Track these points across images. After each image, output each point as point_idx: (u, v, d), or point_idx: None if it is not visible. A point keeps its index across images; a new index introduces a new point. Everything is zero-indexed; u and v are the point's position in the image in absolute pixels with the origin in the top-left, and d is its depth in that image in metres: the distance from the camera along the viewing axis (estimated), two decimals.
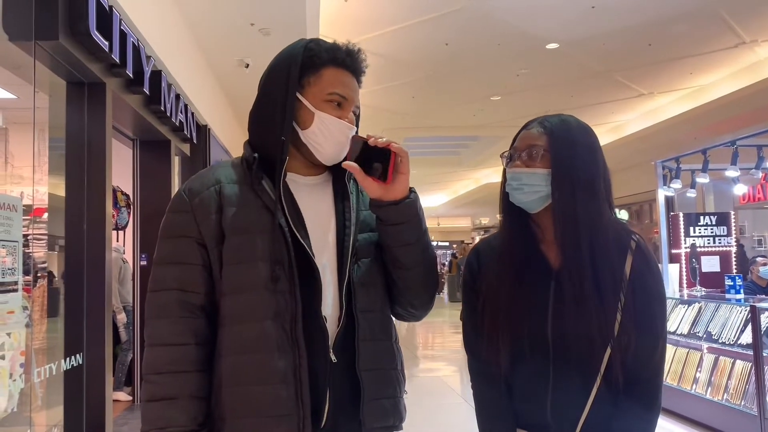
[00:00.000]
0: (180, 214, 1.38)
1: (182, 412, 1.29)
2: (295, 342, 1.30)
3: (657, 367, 1.41)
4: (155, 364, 1.32)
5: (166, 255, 1.38)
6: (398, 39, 7.23)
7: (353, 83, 1.43)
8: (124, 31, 4.05)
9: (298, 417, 1.28)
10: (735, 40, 7.60)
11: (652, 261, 1.44)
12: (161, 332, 1.33)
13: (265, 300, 1.30)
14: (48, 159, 4.03)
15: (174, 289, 1.34)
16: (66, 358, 3.92)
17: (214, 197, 1.37)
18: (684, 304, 5.90)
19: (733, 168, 6.18)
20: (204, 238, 1.35)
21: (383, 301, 1.44)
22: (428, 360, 9.61)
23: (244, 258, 1.32)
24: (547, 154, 1.40)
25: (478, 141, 13.58)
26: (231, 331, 1.33)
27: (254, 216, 1.34)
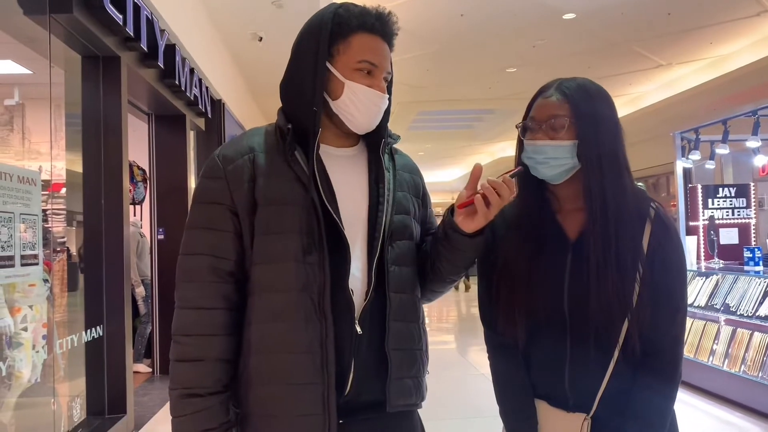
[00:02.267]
0: (213, 181, 1.38)
1: (207, 375, 1.32)
2: (322, 313, 1.31)
3: (677, 338, 1.40)
4: (184, 325, 1.34)
5: (198, 220, 1.38)
6: (412, 10, 7.15)
7: (384, 48, 1.40)
8: (137, 4, 4.04)
9: (323, 386, 1.30)
10: (757, 8, 7.42)
11: (672, 229, 1.41)
12: (191, 295, 1.35)
13: (294, 271, 1.32)
14: (64, 134, 4.06)
15: (205, 254, 1.35)
16: (86, 330, 3.99)
17: (248, 166, 1.37)
18: (702, 276, 5.87)
19: (754, 138, 6.08)
20: (236, 206, 1.35)
21: (414, 283, 1.46)
22: (444, 332, 9.67)
23: (275, 229, 1.34)
24: (572, 126, 1.36)
25: (494, 114, 13.46)
26: (260, 300, 1.35)
27: (287, 187, 1.35)
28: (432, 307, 12.51)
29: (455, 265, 1.43)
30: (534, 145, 1.39)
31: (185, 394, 1.32)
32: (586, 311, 1.35)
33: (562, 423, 1.40)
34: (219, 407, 1.32)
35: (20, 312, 3.07)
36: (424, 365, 1.47)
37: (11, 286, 3.01)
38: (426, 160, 20.21)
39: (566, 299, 1.39)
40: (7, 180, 2.85)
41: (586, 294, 1.35)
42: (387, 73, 1.41)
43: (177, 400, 1.33)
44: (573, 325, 1.38)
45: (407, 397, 1.40)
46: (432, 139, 16.46)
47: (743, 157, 9.05)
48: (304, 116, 1.36)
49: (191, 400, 1.31)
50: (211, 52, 6.80)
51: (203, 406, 1.31)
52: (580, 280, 1.37)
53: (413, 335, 1.43)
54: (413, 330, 1.43)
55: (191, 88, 5.62)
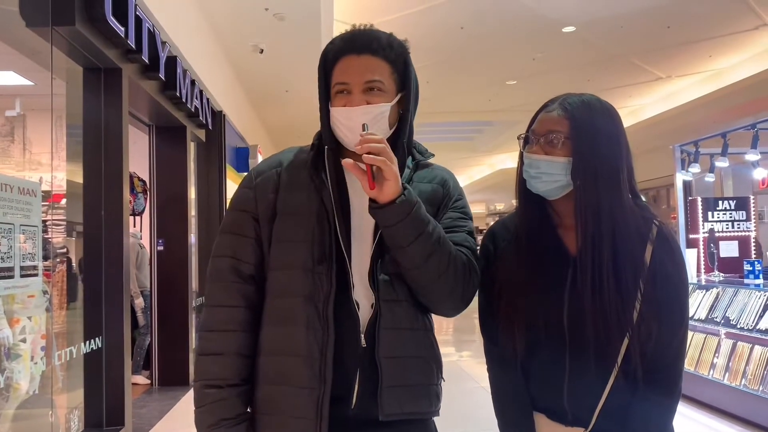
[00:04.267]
0: (245, 190, 1.50)
1: (226, 367, 1.41)
2: (325, 320, 1.37)
3: (677, 353, 1.39)
4: (208, 322, 1.45)
5: (227, 224, 1.51)
6: (412, 23, 7.18)
7: (359, 61, 1.42)
8: (139, 17, 4.06)
9: (319, 391, 1.34)
10: (756, 22, 7.46)
11: (675, 248, 1.40)
12: (215, 294, 1.46)
13: (301, 279, 1.40)
14: (65, 145, 4.07)
15: (228, 257, 1.46)
16: (85, 341, 3.98)
17: (274, 178, 1.49)
18: (702, 289, 5.86)
19: (754, 151, 6.09)
20: (259, 214, 1.46)
21: (408, 292, 1.43)
22: (444, 345, 9.64)
23: (290, 238, 1.43)
24: (568, 142, 1.35)
25: (493, 126, 13.50)
26: (271, 304, 1.44)
27: (305, 200, 1.44)
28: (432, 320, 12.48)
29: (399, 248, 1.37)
30: (530, 159, 1.39)
31: (206, 385, 1.40)
32: (585, 326, 1.35)
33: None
34: (236, 399, 1.40)
35: (19, 323, 3.07)
36: (431, 372, 1.45)
37: (10, 297, 3.00)
38: None
39: (566, 314, 1.38)
40: (8, 191, 2.86)
41: (585, 311, 1.35)
42: (367, 83, 1.41)
43: (199, 391, 1.42)
44: (572, 340, 1.38)
45: (406, 405, 1.39)
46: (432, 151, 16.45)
47: (743, 169, 9.07)
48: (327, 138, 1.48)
49: (210, 391, 1.39)
50: (212, 64, 6.83)
51: (221, 397, 1.39)
52: (579, 295, 1.36)
53: (412, 343, 1.42)
54: (411, 337, 1.42)
55: (192, 100, 5.64)
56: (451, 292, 1.43)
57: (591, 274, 1.34)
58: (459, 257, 1.42)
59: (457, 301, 1.45)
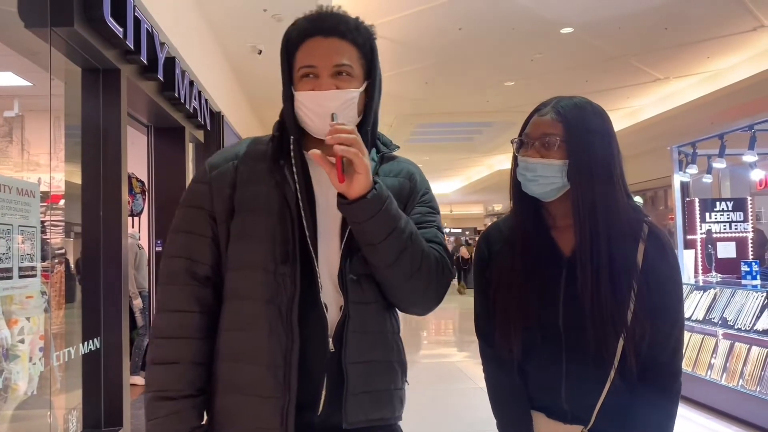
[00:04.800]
0: (199, 185, 1.40)
1: (180, 377, 1.31)
2: (289, 325, 1.28)
3: (675, 351, 1.40)
4: (160, 328, 1.35)
5: (179, 223, 1.41)
6: (411, 24, 7.19)
7: (326, 44, 1.34)
8: (138, 18, 4.07)
9: (283, 400, 1.27)
10: (753, 23, 7.48)
11: (667, 247, 1.41)
12: (168, 298, 1.36)
13: (262, 280, 1.31)
14: (64, 146, 4.06)
15: (182, 257, 1.36)
16: (84, 342, 3.98)
17: (231, 172, 1.38)
18: (699, 290, 5.87)
19: (751, 153, 6.11)
20: (215, 211, 1.37)
21: (378, 293, 1.37)
22: (441, 346, 9.65)
23: (247, 236, 1.33)
24: (563, 144, 1.36)
25: (492, 127, 13.50)
26: (230, 307, 1.35)
27: (265, 195, 1.35)
28: (430, 321, 12.49)
29: (370, 245, 1.30)
30: (525, 162, 1.39)
31: (158, 396, 1.31)
32: (581, 327, 1.36)
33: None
34: (191, 411, 1.31)
35: (17, 324, 3.06)
36: (398, 376, 1.41)
37: (8, 298, 3.00)
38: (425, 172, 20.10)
39: (561, 315, 1.39)
40: (6, 192, 2.86)
41: (580, 310, 1.35)
42: (336, 66, 1.34)
43: (150, 403, 1.32)
44: (568, 341, 1.39)
45: (371, 411, 1.33)
46: (431, 152, 16.49)
47: (740, 171, 9.08)
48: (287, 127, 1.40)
49: (164, 403, 1.30)
50: (211, 65, 6.83)
51: (175, 409, 1.30)
52: (574, 297, 1.37)
53: (379, 346, 1.37)
54: (378, 341, 1.37)
55: (191, 101, 5.64)
56: (424, 291, 1.37)
57: (588, 273, 1.35)
58: (431, 254, 1.36)
59: (431, 300, 1.40)
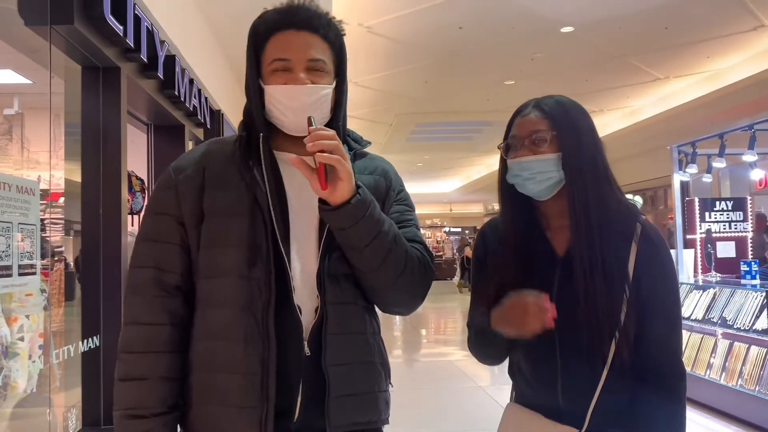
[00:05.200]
0: (164, 191, 1.34)
1: (151, 394, 1.26)
2: (266, 332, 1.25)
3: (676, 351, 1.41)
4: (128, 343, 1.29)
5: (145, 232, 1.35)
6: (411, 23, 7.18)
7: (299, 38, 1.32)
8: (138, 16, 4.07)
9: (261, 409, 1.23)
10: (753, 23, 7.48)
11: (660, 244, 1.41)
12: (135, 311, 1.30)
13: (237, 287, 1.26)
14: (63, 144, 4.06)
15: (150, 267, 1.30)
16: (83, 340, 3.98)
17: (198, 176, 1.33)
18: (699, 289, 5.87)
19: (751, 152, 6.11)
20: (183, 216, 1.31)
21: (357, 293, 1.35)
22: (441, 345, 9.65)
23: (220, 242, 1.28)
24: (554, 138, 1.37)
25: (492, 126, 13.50)
26: (202, 316, 1.30)
27: (235, 198, 1.30)
28: (429, 320, 12.50)
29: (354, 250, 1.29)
30: (519, 162, 1.39)
31: (128, 414, 1.25)
32: (575, 326, 1.36)
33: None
34: (162, 429, 1.26)
35: (17, 322, 3.06)
36: (382, 378, 1.38)
37: (8, 296, 3.00)
38: (424, 171, 20.24)
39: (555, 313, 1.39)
40: (6, 190, 2.86)
41: (573, 309, 1.36)
42: (311, 61, 1.31)
43: (120, 421, 1.27)
44: (562, 340, 1.39)
45: (354, 415, 1.31)
46: (430, 151, 16.49)
47: (740, 170, 9.09)
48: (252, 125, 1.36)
49: (134, 422, 1.25)
50: (211, 63, 6.83)
51: (145, 428, 1.25)
52: (568, 296, 1.38)
53: (360, 348, 1.34)
54: (359, 342, 1.34)
55: (190, 99, 5.64)
56: (409, 291, 1.36)
57: (582, 269, 1.35)
58: (414, 254, 1.35)
59: (415, 299, 1.39)
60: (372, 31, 7.24)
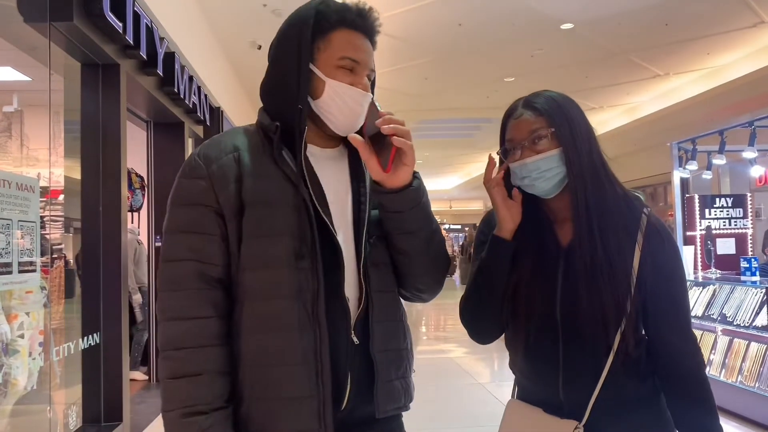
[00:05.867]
0: (195, 181, 1.28)
1: (208, 389, 1.22)
2: (316, 321, 1.24)
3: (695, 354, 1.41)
4: (175, 338, 1.24)
5: (180, 222, 1.28)
6: (411, 19, 7.17)
7: (366, 45, 1.34)
8: (137, 13, 4.06)
9: (318, 400, 1.23)
10: (754, 19, 7.46)
11: (665, 235, 1.41)
12: (179, 305, 1.25)
13: (287, 277, 1.24)
14: (63, 141, 4.06)
15: (191, 260, 1.25)
16: (83, 337, 3.98)
17: (233, 165, 1.28)
18: (699, 286, 5.87)
19: (751, 149, 6.11)
20: (223, 208, 1.26)
21: (394, 280, 1.39)
22: (441, 341, 9.66)
23: (266, 232, 1.25)
24: (552, 135, 1.37)
25: (492, 123, 13.49)
26: (251, 308, 1.26)
27: (275, 188, 1.27)
28: (429, 316, 12.50)
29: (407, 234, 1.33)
30: (524, 164, 1.39)
31: (187, 412, 1.20)
32: (577, 317, 1.37)
33: (553, 429, 1.40)
34: (225, 424, 1.23)
35: (17, 319, 3.07)
36: (411, 364, 1.43)
37: (8, 293, 3.00)
38: (425, 168, 20.23)
39: (558, 304, 1.40)
40: (6, 187, 2.86)
41: (576, 300, 1.36)
42: (370, 70, 1.35)
43: (177, 421, 1.21)
44: (565, 331, 1.40)
45: (397, 400, 1.35)
46: (431, 148, 16.48)
47: (740, 167, 9.09)
48: (289, 115, 1.29)
49: (195, 419, 1.20)
50: (210, 60, 6.82)
51: (208, 424, 1.20)
52: (571, 287, 1.38)
53: (398, 335, 1.38)
54: (398, 329, 1.38)
55: (190, 96, 5.63)
56: (441, 275, 1.42)
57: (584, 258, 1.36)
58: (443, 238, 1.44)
59: (441, 283, 1.45)
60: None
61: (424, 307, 13.49)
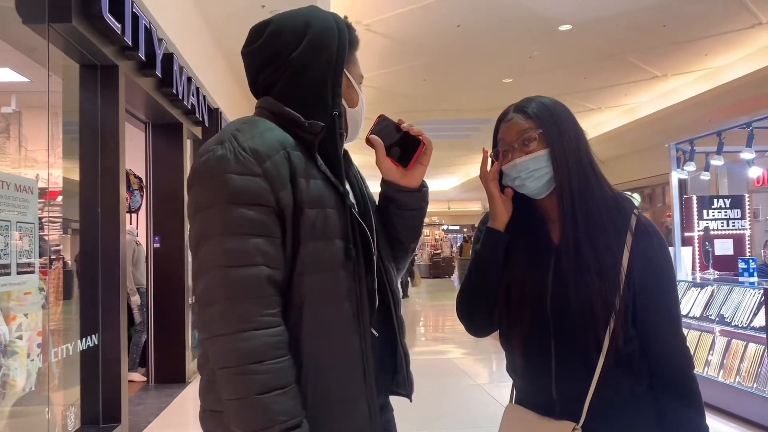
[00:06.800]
0: (249, 179, 1.19)
1: (297, 400, 1.18)
2: (361, 322, 1.28)
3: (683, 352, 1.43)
4: (254, 352, 1.14)
5: (240, 224, 1.18)
6: (409, 21, 7.18)
7: None
8: (136, 14, 4.06)
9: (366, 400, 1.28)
10: (751, 21, 7.48)
11: (654, 234, 1.44)
12: (250, 314, 1.16)
13: (342, 280, 1.26)
14: (61, 142, 4.06)
15: (258, 265, 1.17)
16: (82, 338, 3.98)
17: (285, 164, 1.23)
18: (697, 287, 5.88)
19: (749, 150, 6.12)
20: (282, 208, 1.21)
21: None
22: (439, 342, 9.66)
23: (322, 234, 1.24)
24: (541, 137, 1.42)
25: (489, 124, 13.38)
26: (313, 312, 1.23)
27: (323, 189, 1.27)
28: (428, 317, 12.50)
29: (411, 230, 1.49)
30: (515, 165, 1.43)
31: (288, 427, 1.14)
32: (567, 313, 1.38)
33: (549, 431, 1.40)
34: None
35: (15, 320, 3.06)
36: None
37: (6, 294, 3.00)
38: None
39: (549, 301, 1.42)
40: (4, 188, 2.86)
41: (567, 297, 1.38)
42: None
43: None
44: (556, 327, 1.41)
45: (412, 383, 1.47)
46: None
47: (738, 168, 9.10)
48: (321, 120, 1.29)
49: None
50: (209, 61, 6.82)
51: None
52: (562, 284, 1.40)
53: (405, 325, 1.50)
54: (404, 320, 1.50)
55: (188, 97, 5.63)
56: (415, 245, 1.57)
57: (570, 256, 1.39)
58: None
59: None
60: (370, 29, 7.23)
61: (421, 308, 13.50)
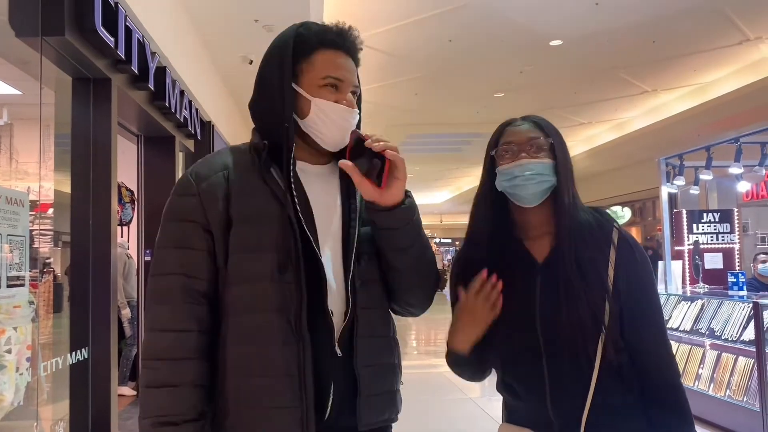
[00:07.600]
0: (186, 198, 1.34)
1: (182, 401, 1.26)
2: (299, 334, 1.28)
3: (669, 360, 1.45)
4: (156, 349, 1.29)
5: (171, 238, 1.34)
6: (401, 35, 7.23)
7: (348, 63, 1.40)
8: (129, 27, 4.07)
9: (301, 410, 1.26)
10: (739, 37, 7.58)
11: (635, 246, 1.47)
12: (163, 317, 1.30)
13: (270, 291, 1.28)
14: (53, 155, 4.05)
15: (178, 274, 1.30)
16: (72, 352, 3.95)
17: (222, 183, 1.34)
18: (687, 300, 5.90)
19: (737, 165, 6.18)
20: (210, 224, 1.31)
21: (383, 297, 1.43)
22: (431, 356, 9.64)
23: (251, 247, 1.30)
24: (551, 147, 1.45)
25: (482, 137, 13.55)
26: (236, 322, 1.30)
27: (262, 204, 1.32)
28: (420, 330, 12.48)
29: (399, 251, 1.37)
30: (521, 164, 1.42)
31: (159, 422, 1.25)
32: (558, 331, 1.39)
33: None
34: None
35: (4, 334, 3.04)
36: (398, 378, 1.46)
37: None
38: (415, 182, 20.27)
39: (538, 321, 1.42)
40: None
41: (557, 314, 1.39)
42: (354, 87, 1.41)
43: (149, 430, 1.27)
44: (547, 347, 1.41)
45: (381, 413, 1.38)
46: (421, 162, 16.54)
47: (727, 182, 9.17)
48: (276, 133, 1.34)
49: (166, 429, 1.25)
50: (202, 75, 6.84)
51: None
52: (550, 301, 1.41)
53: (384, 349, 1.41)
54: (383, 344, 1.42)
55: (181, 110, 5.63)
56: (432, 289, 1.47)
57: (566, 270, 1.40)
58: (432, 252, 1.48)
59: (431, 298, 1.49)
60: (363, 43, 7.27)
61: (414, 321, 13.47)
